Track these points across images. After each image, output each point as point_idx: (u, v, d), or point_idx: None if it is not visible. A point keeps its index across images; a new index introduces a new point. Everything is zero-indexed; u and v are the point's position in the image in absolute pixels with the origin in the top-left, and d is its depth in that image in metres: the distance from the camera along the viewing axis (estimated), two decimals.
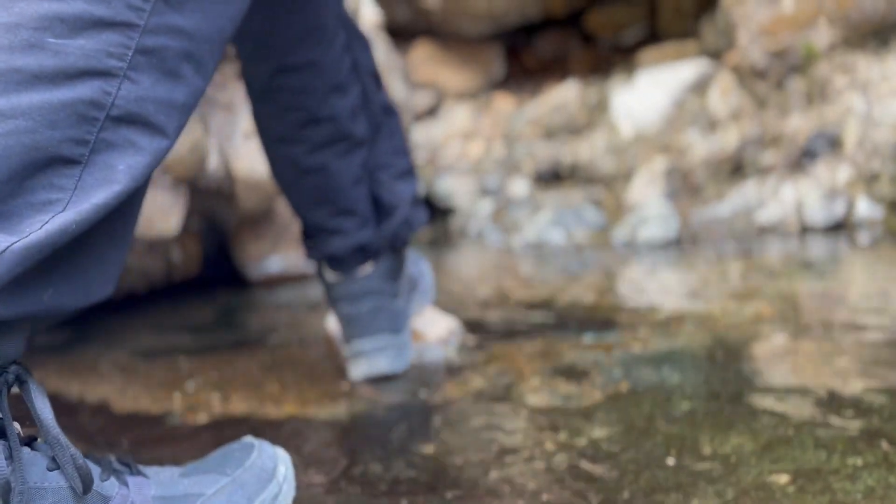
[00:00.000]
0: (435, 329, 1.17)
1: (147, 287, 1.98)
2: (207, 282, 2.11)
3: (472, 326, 1.28)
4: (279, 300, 1.89)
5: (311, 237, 1.12)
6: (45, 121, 0.57)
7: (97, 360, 1.45)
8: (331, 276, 1.11)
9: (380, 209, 1.11)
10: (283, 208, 1.98)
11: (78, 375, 1.36)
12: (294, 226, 2.02)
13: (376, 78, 1.17)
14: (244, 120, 1.66)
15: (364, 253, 1.08)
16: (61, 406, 1.23)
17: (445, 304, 1.48)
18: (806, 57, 2.31)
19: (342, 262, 1.09)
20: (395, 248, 1.12)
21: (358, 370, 1.08)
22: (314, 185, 1.07)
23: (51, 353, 1.55)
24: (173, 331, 1.64)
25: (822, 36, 2.29)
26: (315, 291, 1.89)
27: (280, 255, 1.99)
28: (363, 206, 1.10)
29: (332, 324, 1.28)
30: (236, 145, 1.65)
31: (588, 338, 1.17)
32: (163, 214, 1.51)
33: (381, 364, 1.07)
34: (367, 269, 1.09)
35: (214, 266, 2.13)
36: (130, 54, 0.60)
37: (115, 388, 1.26)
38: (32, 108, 0.57)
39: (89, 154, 0.59)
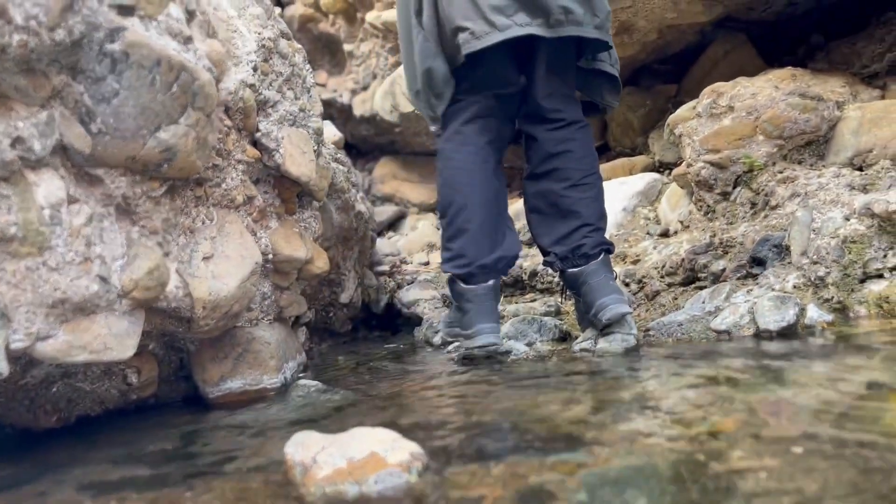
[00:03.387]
0: (396, 454, 1.15)
1: (101, 410, 1.91)
2: (165, 403, 2.05)
3: (435, 449, 1.26)
4: (238, 423, 1.83)
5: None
6: None
7: (43, 498, 1.38)
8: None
9: None
10: (243, 327, 1.97)
11: None
12: (255, 345, 2.00)
13: None
14: (204, 242, 1.67)
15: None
16: None
17: (407, 424, 1.46)
18: (748, 169, 2.44)
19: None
20: None
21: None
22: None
23: None
24: (126, 461, 1.57)
25: (761, 149, 2.42)
26: (275, 411, 1.84)
27: (240, 377, 1.95)
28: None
29: (291, 448, 1.24)
30: (196, 268, 1.65)
31: (552, 458, 1.15)
32: (118, 340, 1.48)
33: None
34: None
35: (173, 386, 2.08)
36: None
37: None
38: None
39: None
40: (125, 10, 1.29)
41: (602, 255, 1.96)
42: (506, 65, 1.95)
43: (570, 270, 1.97)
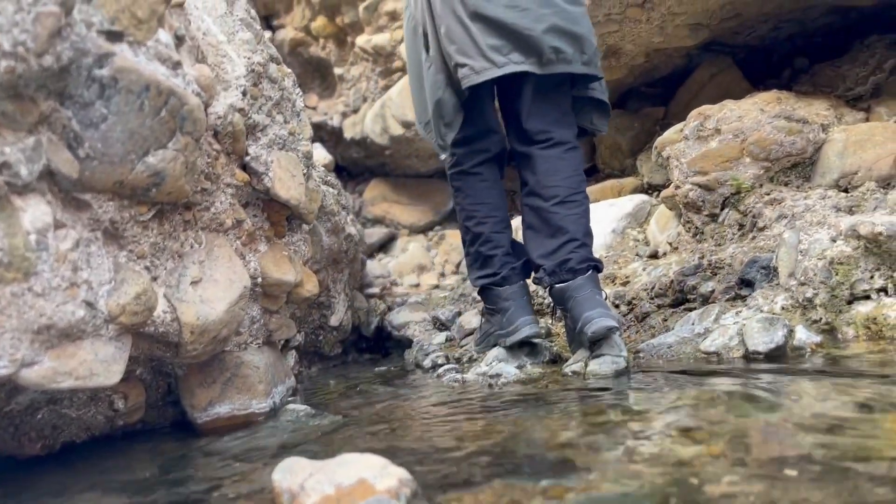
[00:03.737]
0: (385, 480, 1.14)
1: (87, 437, 1.89)
2: (152, 428, 2.03)
3: (425, 474, 1.25)
4: (226, 448, 1.81)
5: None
6: None
7: None
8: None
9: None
10: (232, 352, 1.95)
11: None
12: (243, 369, 1.98)
13: None
14: (193, 267, 1.67)
15: None
16: None
17: (396, 449, 1.45)
18: (735, 191, 2.45)
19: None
20: None
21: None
22: None
23: None
24: (112, 488, 1.55)
25: (748, 171, 2.44)
26: (263, 436, 1.83)
27: (229, 402, 1.93)
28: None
29: (278, 475, 1.23)
30: (184, 292, 1.64)
31: (543, 483, 1.15)
32: (104, 366, 1.47)
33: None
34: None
35: (160, 411, 2.06)
36: None
37: None
38: None
39: None
40: (114, 36, 1.30)
41: (590, 272, 2.01)
42: (489, 106, 2.21)
43: (558, 286, 2.05)
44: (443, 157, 2.23)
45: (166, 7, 1.39)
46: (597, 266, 2.04)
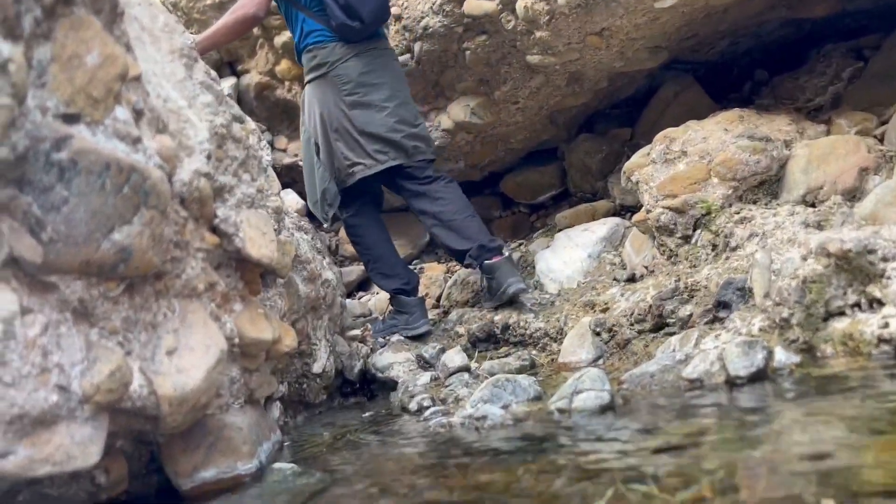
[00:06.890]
0: None
1: None
2: (137, 498, 1.99)
3: None
4: None
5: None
6: None
7: None
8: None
9: None
10: (213, 415, 1.92)
11: None
12: (226, 432, 1.95)
13: None
14: (167, 336, 1.64)
15: None
16: None
17: None
18: (706, 212, 2.47)
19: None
20: None
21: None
22: None
23: None
24: None
25: (717, 192, 2.47)
26: (250, 499, 1.79)
27: (214, 466, 1.90)
28: None
29: None
30: (160, 363, 1.62)
31: None
32: (81, 448, 1.44)
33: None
34: None
35: (144, 480, 2.02)
36: None
37: None
38: None
39: None
40: (70, 119, 1.29)
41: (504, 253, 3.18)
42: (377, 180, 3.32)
43: (486, 262, 3.10)
44: (325, 226, 3.58)
45: (122, 84, 1.38)
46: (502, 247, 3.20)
